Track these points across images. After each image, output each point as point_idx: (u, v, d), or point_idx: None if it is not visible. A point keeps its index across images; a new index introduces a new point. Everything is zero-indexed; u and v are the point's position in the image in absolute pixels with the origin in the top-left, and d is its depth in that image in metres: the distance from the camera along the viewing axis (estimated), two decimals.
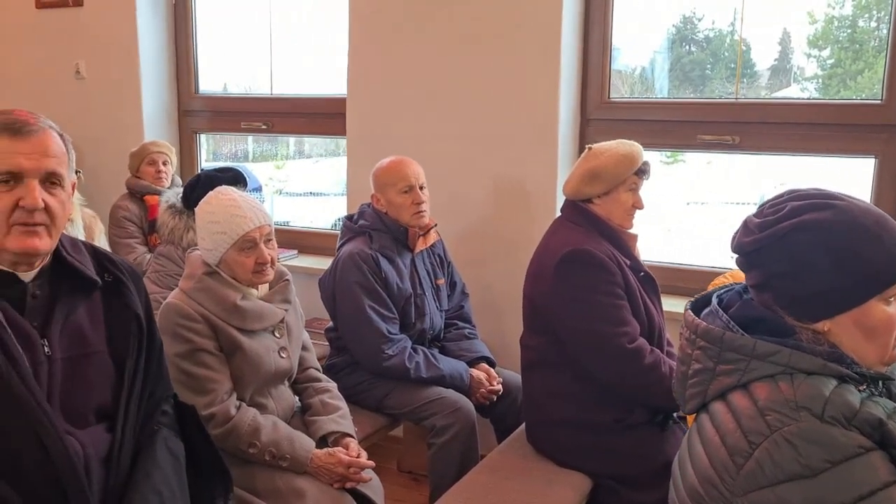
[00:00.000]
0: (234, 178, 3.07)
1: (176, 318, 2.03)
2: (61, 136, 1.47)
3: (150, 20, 3.95)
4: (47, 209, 1.41)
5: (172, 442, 1.62)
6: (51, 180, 1.43)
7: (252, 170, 4.34)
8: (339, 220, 4.08)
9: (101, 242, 3.26)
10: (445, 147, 3.20)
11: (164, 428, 1.63)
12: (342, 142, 3.96)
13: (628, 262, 2.29)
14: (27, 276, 1.45)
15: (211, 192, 2.14)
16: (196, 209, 2.16)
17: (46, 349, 1.44)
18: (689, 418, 1.55)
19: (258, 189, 4.17)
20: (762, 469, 1.12)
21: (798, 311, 1.22)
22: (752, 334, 1.23)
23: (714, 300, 1.34)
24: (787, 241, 1.20)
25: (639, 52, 3.25)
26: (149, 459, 1.54)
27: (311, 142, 4.34)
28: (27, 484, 1.36)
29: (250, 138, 4.32)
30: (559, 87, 3.01)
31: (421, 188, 2.67)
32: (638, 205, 2.33)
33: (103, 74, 4.03)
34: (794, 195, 1.26)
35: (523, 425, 2.48)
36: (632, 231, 2.37)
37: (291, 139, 4.31)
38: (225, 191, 2.13)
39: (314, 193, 4.46)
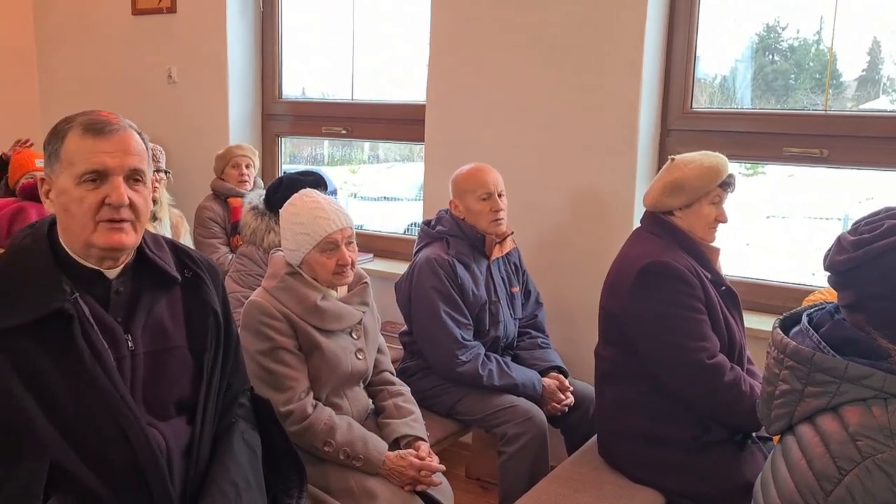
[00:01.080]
0: (315, 181, 3.13)
1: (259, 315, 2.08)
2: (140, 134, 1.51)
3: (239, 26, 4.08)
4: (132, 205, 1.44)
5: (249, 434, 1.66)
6: (134, 177, 1.46)
7: (328, 173, 4.42)
8: (411, 224, 4.12)
9: (187, 241, 3.39)
10: (523, 155, 3.20)
11: (241, 420, 1.67)
12: (416, 147, 4.01)
13: (709, 276, 2.24)
14: (112, 273, 1.50)
15: (296, 195, 2.19)
16: (281, 210, 2.22)
17: (130, 344, 1.48)
18: (777, 439, 1.51)
19: (334, 192, 4.24)
20: (852, 496, 1.08)
21: (893, 334, 1.18)
22: (844, 356, 1.19)
23: (804, 319, 1.30)
24: (882, 261, 1.16)
25: (719, 60, 3.18)
26: (226, 451, 1.58)
27: (385, 147, 4.39)
28: (112, 475, 1.41)
29: (327, 142, 4.40)
30: (640, 96, 2.97)
31: (499, 196, 2.67)
32: (721, 218, 2.28)
33: (193, 79, 4.18)
34: (891, 213, 1.22)
35: (595, 437, 2.45)
36: (714, 245, 2.32)
37: (367, 144, 4.37)
38: (309, 193, 2.18)
39: (388, 198, 4.51)
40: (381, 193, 4.49)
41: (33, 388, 1.36)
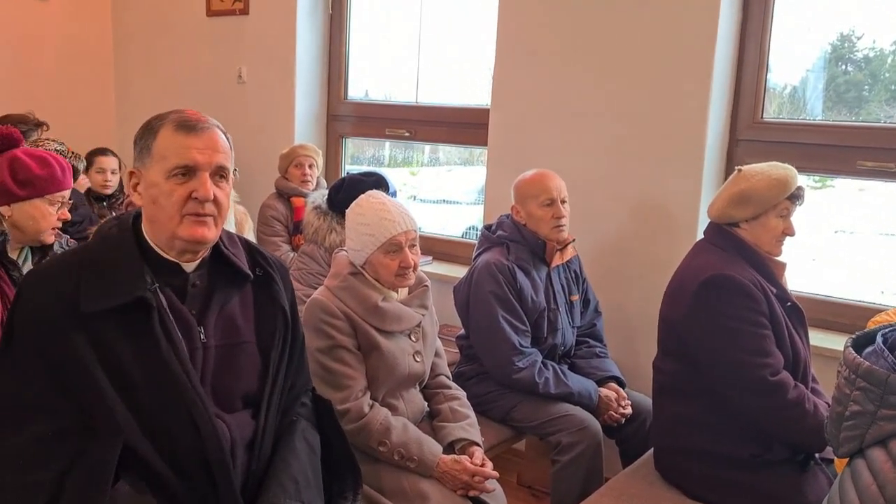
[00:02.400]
0: (377, 182, 3.17)
1: (320, 313, 2.12)
2: (224, 133, 1.56)
3: (308, 28, 4.15)
4: (215, 201, 1.50)
5: (309, 433, 1.69)
6: (220, 174, 1.52)
7: (388, 175, 4.46)
8: (470, 228, 4.12)
9: (250, 238, 3.45)
10: (586, 162, 3.17)
11: (303, 419, 1.70)
12: (476, 151, 4.01)
13: (774, 291, 2.19)
14: (190, 266, 1.55)
15: (363, 195, 2.22)
16: (347, 211, 2.24)
17: (202, 336, 1.52)
18: (839, 462, 1.46)
19: (394, 194, 4.28)
20: None
21: None
22: None
23: (879, 339, 1.26)
24: None
25: (789, 70, 3.10)
26: (287, 448, 1.61)
27: (445, 150, 4.40)
28: (180, 461, 1.45)
29: (388, 144, 4.43)
30: (709, 105, 2.92)
31: (562, 202, 2.66)
32: (789, 231, 2.23)
33: (262, 79, 4.27)
34: None
35: (651, 451, 2.42)
36: (780, 259, 2.27)
37: (427, 146, 4.39)
38: (376, 195, 2.20)
39: (447, 201, 4.52)
40: (440, 196, 4.50)
41: (111, 371, 1.41)
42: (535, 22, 3.27)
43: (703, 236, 2.36)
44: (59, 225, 2.09)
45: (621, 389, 2.71)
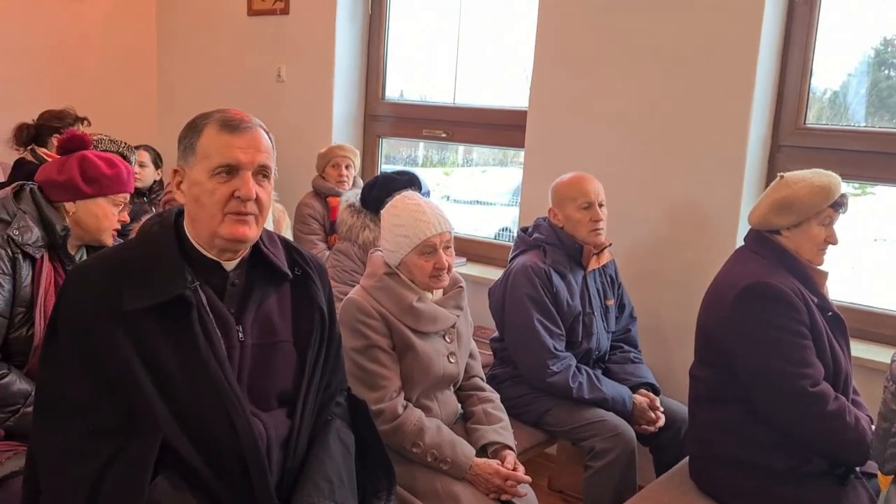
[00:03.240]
0: (410, 181, 3.18)
1: (356, 313, 2.13)
2: (267, 133, 1.57)
3: (348, 28, 4.18)
4: (257, 200, 1.50)
5: (344, 433, 1.69)
6: (262, 173, 1.52)
7: (422, 174, 4.47)
8: (503, 229, 4.11)
9: (287, 236, 3.47)
10: (625, 165, 3.15)
11: (338, 419, 1.70)
12: (510, 152, 4.01)
13: (815, 300, 2.15)
14: (229, 265, 1.56)
15: (398, 196, 2.22)
16: (382, 211, 2.25)
17: (240, 335, 1.53)
18: (884, 478, 1.43)
19: (427, 194, 4.30)
20: None
21: None
22: None
23: None
24: None
25: (830, 74, 3.04)
26: (322, 447, 1.61)
27: (479, 150, 4.40)
28: (216, 458, 1.46)
29: (422, 144, 4.45)
30: (751, 110, 2.87)
31: (600, 206, 2.64)
32: (831, 240, 2.19)
33: (301, 79, 4.31)
34: None
35: (686, 459, 2.39)
36: (822, 268, 2.23)
37: (461, 147, 4.40)
38: (411, 196, 2.21)
39: (480, 202, 4.52)
40: (473, 197, 4.50)
41: (151, 368, 1.43)
42: (574, 24, 3.25)
43: (742, 243, 2.33)
44: (119, 227, 2.14)
45: (655, 397, 2.68)
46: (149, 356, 1.43)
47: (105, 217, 2.09)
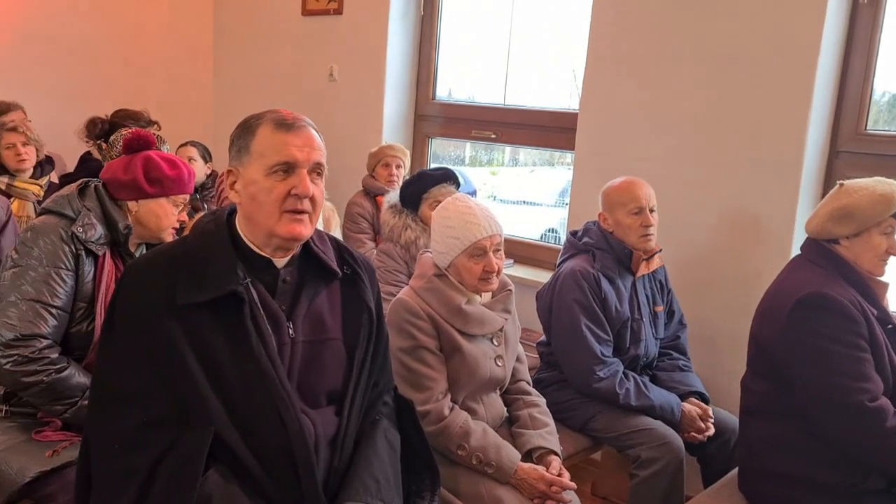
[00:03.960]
0: (444, 175, 3.19)
1: (404, 313, 2.13)
2: (318, 132, 1.58)
3: (400, 28, 4.19)
4: (312, 198, 1.52)
5: (391, 433, 1.69)
6: (317, 171, 1.54)
7: (468, 174, 4.48)
8: (549, 230, 4.09)
9: (337, 234, 3.52)
10: (677, 170, 3.10)
11: (385, 418, 1.71)
12: (557, 153, 3.97)
13: (875, 312, 2.09)
14: (281, 262, 1.58)
15: (449, 198, 2.22)
16: (433, 213, 2.25)
17: (291, 331, 1.55)
18: None
19: (473, 193, 4.29)
20: None
21: None
22: None
23: None
24: None
25: (888, 77, 2.94)
26: (369, 447, 1.62)
27: (526, 150, 4.38)
28: (266, 454, 1.48)
29: (469, 143, 4.44)
30: (809, 114, 2.80)
31: (651, 211, 2.60)
32: (893, 250, 2.12)
33: (353, 78, 4.34)
34: None
35: (735, 471, 2.34)
36: (882, 279, 2.16)
37: (508, 147, 4.38)
38: (462, 198, 2.20)
39: (527, 202, 4.49)
40: (520, 197, 4.48)
41: (204, 363, 1.45)
42: (629, 25, 3.22)
43: (798, 252, 2.27)
44: (178, 226, 2.18)
45: (706, 406, 2.63)
46: (202, 350, 1.46)
47: (165, 217, 2.13)
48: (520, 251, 3.89)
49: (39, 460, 1.87)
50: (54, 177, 3.73)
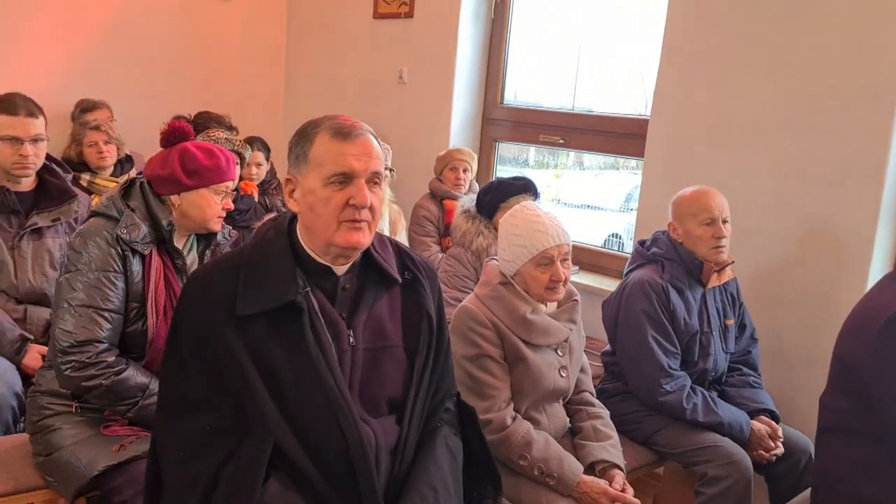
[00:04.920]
0: (525, 186, 3.17)
1: (469, 321, 2.13)
2: (376, 138, 1.57)
3: (470, 32, 4.19)
4: (370, 206, 1.51)
5: (452, 440, 1.68)
6: (374, 180, 1.52)
7: (532, 177, 4.45)
8: (612, 235, 4.03)
9: (402, 237, 3.54)
10: (751, 179, 3.01)
11: (446, 425, 1.69)
12: (622, 157, 3.90)
13: None
14: (340, 269, 1.57)
15: (517, 206, 2.21)
16: (500, 220, 2.24)
17: (351, 339, 1.54)
18: None
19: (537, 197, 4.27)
20: None
21: None
22: None
23: None
24: None
25: None
26: (429, 455, 1.60)
27: (591, 154, 4.33)
28: (326, 463, 1.48)
29: (533, 147, 4.41)
30: (893, 123, 2.68)
31: (724, 222, 2.53)
32: None
33: (422, 81, 4.37)
34: None
35: (808, 492, 2.25)
36: None
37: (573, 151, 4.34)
38: (531, 206, 2.19)
39: (590, 206, 4.44)
40: (584, 201, 4.43)
41: (263, 371, 1.46)
42: (704, 31, 3.14)
43: (879, 267, 2.18)
44: (224, 214, 2.17)
45: (776, 425, 2.55)
46: (261, 359, 1.46)
47: (208, 206, 2.11)
48: (584, 258, 3.84)
49: (107, 454, 1.92)
50: (133, 174, 3.85)
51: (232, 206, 2.20)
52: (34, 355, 2.48)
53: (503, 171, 4.38)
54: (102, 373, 1.94)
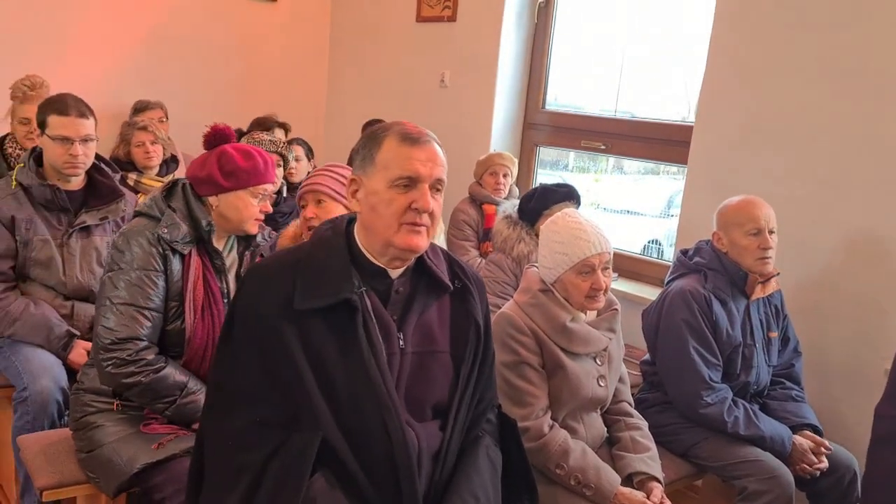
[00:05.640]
0: (568, 193, 3.15)
1: (508, 328, 2.12)
2: (440, 146, 1.58)
3: (513, 36, 4.18)
4: (431, 212, 1.53)
5: (492, 450, 1.68)
6: (437, 187, 1.54)
7: (570, 179, 4.42)
8: (651, 241, 3.98)
9: (440, 241, 3.53)
10: (797, 188, 2.96)
11: (487, 435, 1.69)
12: (663, 164, 3.86)
13: None
14: (395, 272, 1.59)
15: (559, 213, 2.19)
16: (542, 227, 2.23)
17: (401, 342, 1.55)
18: None
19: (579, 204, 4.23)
20: None
21: None
22: None
23: None
24: None
25: None
26: (470, 463, 1.61)
27: (631, 158, 4.28)
28: (370, 463, 1.49)
29: (572, 151, 4.38)
30: None
31: (770, 233, 2.48)
32: None
33: (463, 85, 4.37)
34: None
35: None
36: None
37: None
38: (573, 213, 2.17)
39: (630, 212, 4.39)
40: (623, 206, 4.39)
41: (315, 367, 1.48)
42: (752, 37, 3.09)
43: None
44: (262, 217, 2.19)
45: (820, 439, 2.50)
46: (314, 355, 1.49)
47: (246, 208, 2.12)
48: (623, 265, 3.80)
49: (147, 452, 1.95)
50: (179, 174, 3.91)
51: (270, 209, 2.21)
52: (80, 351, 2.53)
53: (543, 175, 4.36)
54: (142, 370, 1.97)
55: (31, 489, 2.25)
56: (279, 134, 3.92)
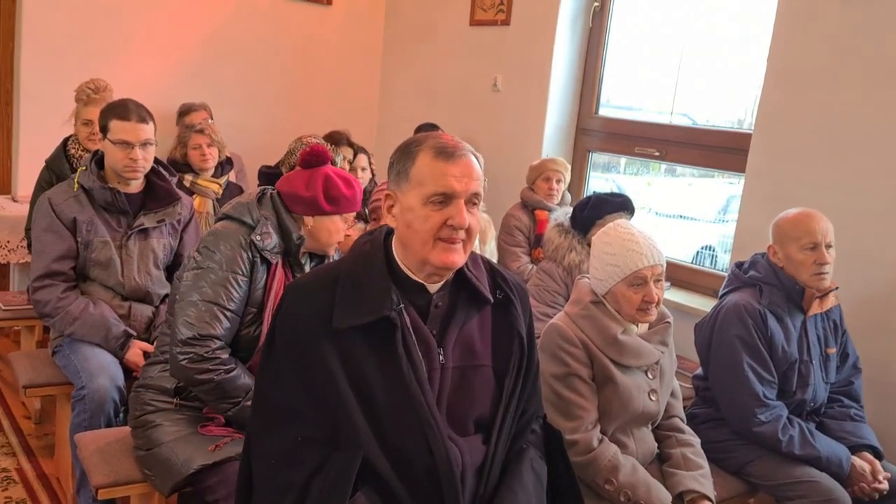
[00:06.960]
0: (623, 203, 3.11)
1: (558, 339, 2.10)
2: (477, 158, 1.55)
3: (567, 40, 4.15)
4: (467, 228, 1.50)
5: (537, 463, 1.66)
6: (473, 201, 1.51)
7: (622, 184, 4.36)
8: (704, 248, 3.91)
9: (492, 247, 3.52)
10: (859, 200, 2.87)
11: (532, 448, 1.67)
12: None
13: None
14: (433, 287, 1.57)
15: (611, 224, 2.17)
16: (594, 238, 2.21)
17: (441, 357, 1.54)
18: None
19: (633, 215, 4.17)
20: None
21: None
22: None
23: None
24: None
25: None
26: (515, 477, 1.59)
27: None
28: (412, 480, 1.48)
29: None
30: None
31: (827, 247, 2.41)
32: None
33: (516, 89, 4.35)
34: None
35: None
36: None
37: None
38: (625, 224, 2.14)
39: (683, 217, 4.31)
40: (676, 211, 4.31)
41: (355, 385, 1.47)
42: (813, 44, 3.01)
43: None
44: (343, 240, 2.26)
45: (878, 462, 2.42)
46: (354, 373, 1.48)
47: (336, 233, 2.20)
48: (676, 274, 3.74)
49: (203, 453, 1.98)
50: (233, 176, 3.98)
51: (354, 234, 2.26)
52: (136, 351, 2.59)
53: (595, 178, 4.32)
54: (216, 368, 2.01)
55: (86, 486, 2.30)
56: (345, 151, 3.93)
